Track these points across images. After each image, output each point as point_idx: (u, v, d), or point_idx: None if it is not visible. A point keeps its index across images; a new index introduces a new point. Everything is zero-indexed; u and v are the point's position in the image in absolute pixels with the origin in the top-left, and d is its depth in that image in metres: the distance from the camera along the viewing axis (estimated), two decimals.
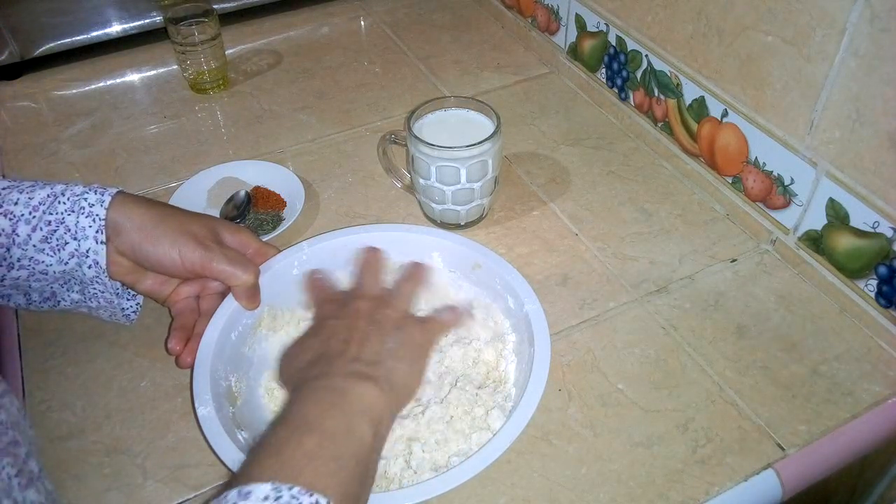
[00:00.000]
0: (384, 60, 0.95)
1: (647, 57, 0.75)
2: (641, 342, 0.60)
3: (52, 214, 0.52)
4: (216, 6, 0.89)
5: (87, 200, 0.53)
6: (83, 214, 0.53)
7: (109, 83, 0.92)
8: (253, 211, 0.71)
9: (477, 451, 0.46)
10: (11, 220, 0.52)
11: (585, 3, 0.82)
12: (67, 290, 0.56)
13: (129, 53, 0.95)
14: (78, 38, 0.92)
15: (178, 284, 0.58)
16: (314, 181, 0.76)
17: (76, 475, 0.52)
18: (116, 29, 0.93)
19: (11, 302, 0.56)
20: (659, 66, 0.74)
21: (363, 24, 1.03)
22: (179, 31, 0.84)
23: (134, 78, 0.93)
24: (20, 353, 0.60)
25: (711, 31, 0.66)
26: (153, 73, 0.93)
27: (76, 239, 0.52)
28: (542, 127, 0.83)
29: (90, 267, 0.53)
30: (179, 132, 0.83)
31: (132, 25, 0.93)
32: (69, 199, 0.53)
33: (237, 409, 0.52)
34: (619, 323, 0.61)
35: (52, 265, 0.53)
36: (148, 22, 0.94)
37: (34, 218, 0.52)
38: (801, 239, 0.64)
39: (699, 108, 0.70)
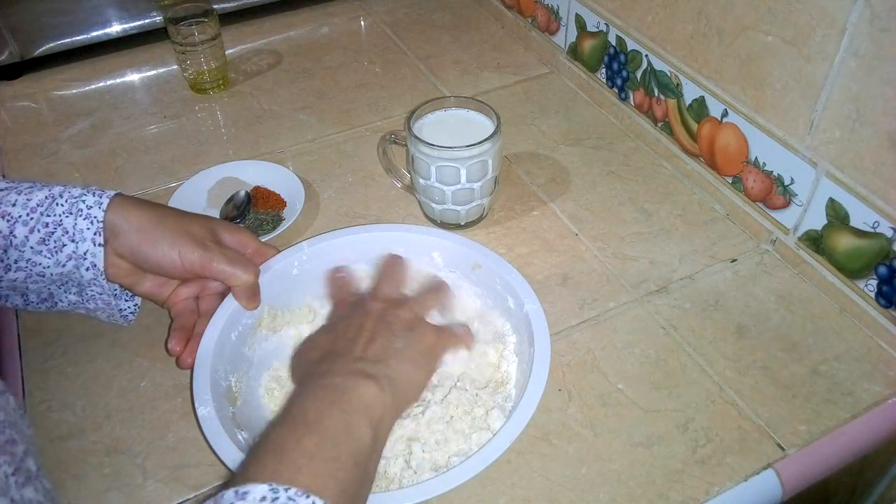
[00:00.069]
0: (384, 60, 0.95)
1: (647, 57, 0.75)
2: (641, 342, 0.60)
3: (49, 216, 0.52)
4: (216, 6, 0.89)
5: (84, 202, 0.53)
6: (81, 216, 0.52)
7: (109, 83, 0.92)
8: (253, 211, 0.71)
9: (477, 451, 0.46)
10: (9, 221, 0.52)
11: (585, 3, 0.82)
12: (65, 291, 0.56)
13: (129, 53, 0.95)
14: (78, 38, 0.92)
15: (177, 286, 0.58)
16: (314, 181, 0.76)
17: (76, 475, 0.52)
18: (116, 29, 0.93)
19: (9, 302, 0.56)
20: (659, 66, 0.74)
21: (363, 24, 1.03)
22: (179, 31, 0.84)
23: (134, 78, 0.93)
24: (20, 353, 0.60)
25: (711, 31, 0.66)
26: (153, 73, 0.93)
27: (74, 241, 0.52)
28: (542, 127, 0.83)
29: (88, 269, 0.53)
30: (179, 132, 0.83)
31: (132, 25, 0.93)
32: (67, 200, 0.53)
33: (237, 409, 0.52)
34: (619, 323, 0.61)
35: (49, 267, 0.53)
36: (148, 22, 0.94)
37: (32, 220, 0.52)
38: (801, 239, 0.64)
39: (699, 108, 0.70)
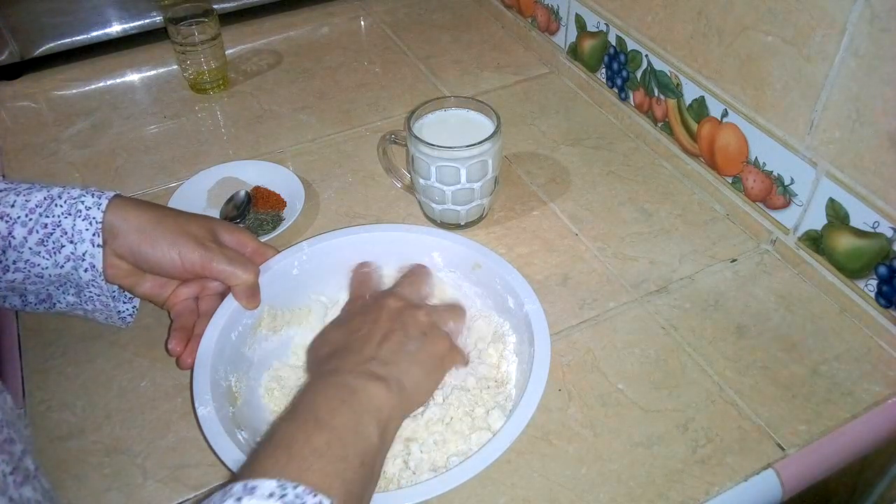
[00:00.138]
0: (384, 60, 0.95)
1: (647, 57, 0.75)
2: (641, 342, 0.60)
3: (48, 217, 0.52)
4: (216, 6, 0.89)
5: (83, 203, 0.53)
6: (80, 217, 0.52)
7: (109, 83, 0.92)
8: (253, 211, 0.71)
9: (477, 451, 0.46)
10: (8, 222, 0.52)
11: (585, 3, 0.82)
12: (63, 292, 0.56)
13: (129, 53, 0.95)
14: (78, 38, 0.92)
15: (176, 286, 0.58)
16: (314, 181, 0.76)
17: (76, 475, 0.52)
18: (116, 29, 0.93)
19: (7, 303, 0.56)
20: (659, 66, 0.74)
21: (363, 24, 1.03)
22: (179, 31, 0.84)
23: (134, 78, 0.93)
24: (20, 353, 0.60)
25: (711, 31, 0.66)
26: (153, 73, 0.93)
27: (72, 242, 0.52)
28: (542, 127, 0.83)
29: (86, 270, 0.53)
30: (179, 132, 0.83)
31: (132, 25, 0.93)
32: (66, 202, 0.53)
33: (237, 409, 0.52)
34: (619, 323, 0.61)
35: (47, 268, 0.53)
36: (148, 22, 0.94)
37: (30, 221, 0.52)
38: (801, 239, 0.64)
39: (699, 108, 0.70)
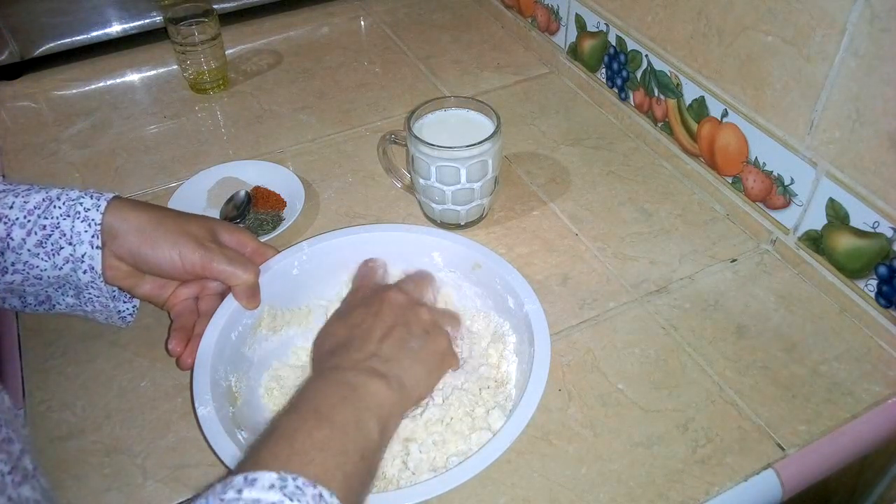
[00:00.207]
0: (384, 60, 0.95)
1: (647, 57, 0.75)
2: (641, 342, 0.60)
3: (47, 219, 0.52)
4: (216, 6, 0.89)
5: (82, 205, 0.53)
6: (79, 219, 0.52)
7: (109, 83, 0.92)
8: (253, 211, 0.71)
9: (477, 451, 0.46)
10: (6, 223, 0.52)
11: (585, 3, 0.82)
12: (62, 294, 0.56)
13: (129, 53, 0.95)
14: (78, 38, 0.92)
15: (176, 286, 0.58)
16: (314, 181, 0.76)
17: (76, 475, 0.52)
18: (116, 29, 0.93)
19: (7, 304, 0.56)
20: (659, 66, 0.74)
21: (363, 24, 1.03)
22: (179, 31, 0.84)
23: (134, 78, 0.93)
24: (20, 353, 0.60)
25: (711, 31, 0.66)
26: (153, 73, 0.93)
27: (71, 244, 0.52)
28: (542, 127, 0.83)
29: (85, 272, 0.53)
30: (179, 132, 0.83)
31: (132, 25, 0.93)
32: (65, 203, 0.53)
33: (237, 409, 0.52)
34: (619, 323, 0.61)
35: (46, 270, 0.53)
36: (148, 22, 0.94)
37: (29, 222, 0.52)
38: (801, 239, 0.64)
39: (699, 108, 0.70)
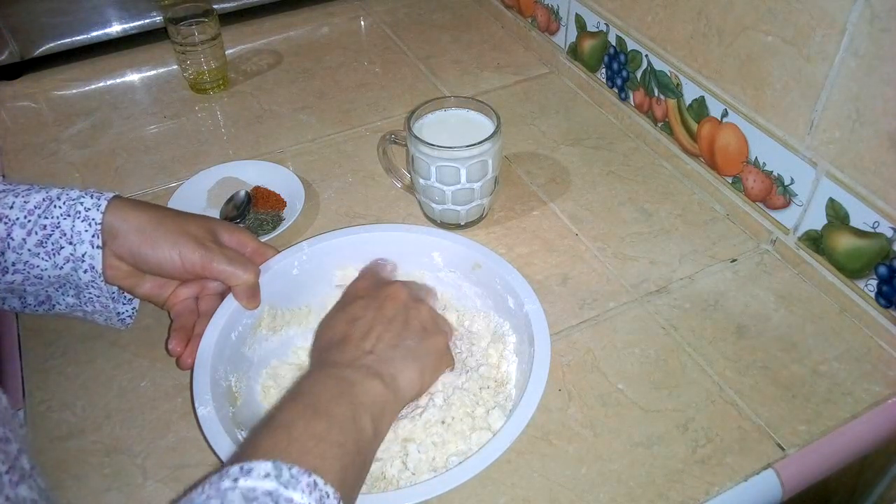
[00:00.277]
0: (384, 60, 0.95)
1: (647, 57, 0.75)
2: (641, 342, 0.60)
3: (47, 219, 0.52)
4: (216, 6, 0.89)
5: (83, 205, 0.53)
6: (79, 219, 0.52)
7: (109, 83, 0.92)
8: (253, 211, 0.71)
9: (477, 451, 0.46)
10: (6, 223, 0.52)
11: (585, 3, 0.82)
12: (63, 294, 0.56)
13: (129, 53, 0.95)
14: (78, 38, 0.92)
15: (176, 286, 0.58)
16: (314, 181, 0.76)
17: (76, 475, 0.52)
18: (116, 29, 0.93)
19: (7, 305, 0.56)
20: (659, 66, 0.74)
21: (363, 24, 1.03)
22: (179, 31, 0.84)
23: (134, 78, 0.93)
24: (20, 353, 0.60)
25: (711, 31, 0.66)
26: (153, 73, 0.93)
27: (72, 243, 0.52)
28: (542, 127, 0.83)
29: (86, 271, 0.53)
30: (179, 132, 0.83)
31: (132, 25, 0.93)
32: (65, 203, 0.53)
33: (237, 409, 0.52)
34: (619, 323, 0.61)
35: (46, 269, 0.53)
36: (148, 22, 0.94)
37: (29, 222, 0.52)
38: (801, 239, 0.64)
39: (699, 108, 0.70)
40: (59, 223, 0.52)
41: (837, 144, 0.58)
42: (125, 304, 0.59)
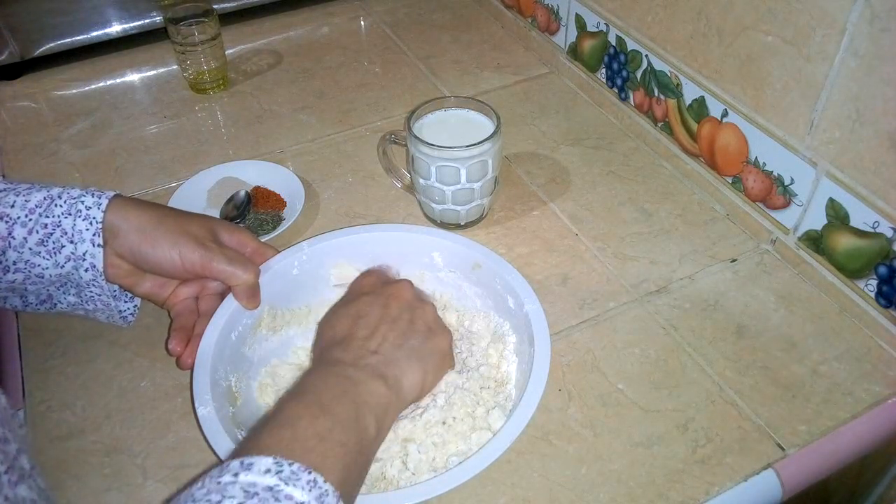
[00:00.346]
0: (384, 60, 0.95)
1: (647, 57, 0.75)
2: (641, 342, 0.60)
3: (48, 217, 0.52)
4: (216, 6, 0.89)
5: (83, 203, 0.53)
6: (80, 217, 0.52)
7: (109, 83, 0.92)
8: (253, 211, 0.71)
9: (477, 451, 0.46)
10: (7, 222, 0.52)
11: (585, 3, 0.82)
12: (64, 292, 0.56)
13: (129, 53, 0.95)
14: (78, 38, 0.92)
15: (176, 286, 0.58)
16: (314, 181, 0.76)
17: (76, 475, 0.52)
18: (116, 29, 0.93)
19: (8, 304, 0.56)
20: (659, 66, 0.74)
21: (363, 24, 1.03)
22: (179, 31, 0.84)
23: (134, 78, 0.93)
24: (20, 353, 0.60)
25: (711, 31, 0.66)
26: (153, 73, 0.93)
27: (73, 242, 0.52)
28: (542, 127, 0.83)
29: (87, 270, 0.53)
30: (179, 132, 0.83)
31: (132, 25, 0.93)
32: (66, 202, 0.53)
33: (237, 409, 0.52)
34: (619, 323, 0.61)
35: (48, 268, 0.53)
36: (148, 22, 0.94)
37: (30, 221, 0.52)
38: (801, 239, 0.64)
39: (699, 108, 0.70)
40: (60, 222, 0.52)
41: (837, 144, 0.58)
42: (127, 301, 0.59)
